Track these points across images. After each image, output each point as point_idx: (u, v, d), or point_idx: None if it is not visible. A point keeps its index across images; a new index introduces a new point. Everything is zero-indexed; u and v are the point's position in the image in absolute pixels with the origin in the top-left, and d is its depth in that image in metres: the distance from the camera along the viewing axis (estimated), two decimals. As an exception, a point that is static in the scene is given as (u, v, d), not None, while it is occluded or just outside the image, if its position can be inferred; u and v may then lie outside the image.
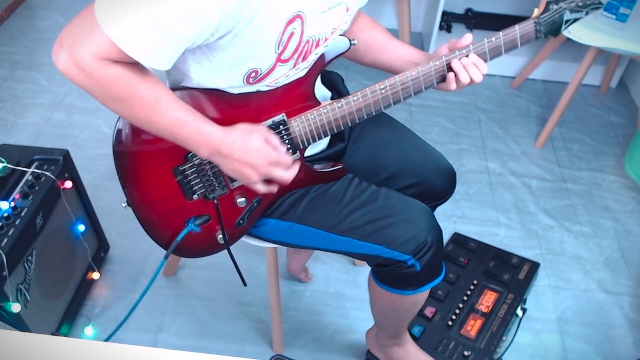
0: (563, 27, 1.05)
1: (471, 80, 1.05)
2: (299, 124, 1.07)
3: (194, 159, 1.06)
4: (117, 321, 1.64)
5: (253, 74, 0.97)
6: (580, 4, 1.02)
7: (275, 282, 1.45)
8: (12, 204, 1.35)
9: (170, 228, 1.15)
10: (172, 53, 0.86)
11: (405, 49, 1.18)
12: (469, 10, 2.87)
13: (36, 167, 1.45)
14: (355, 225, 1.12)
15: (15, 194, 1.37)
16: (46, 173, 1.43)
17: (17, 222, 1.32)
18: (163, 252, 1.18)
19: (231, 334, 1.64)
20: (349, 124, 1.09)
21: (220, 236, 1.16)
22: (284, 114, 1.06)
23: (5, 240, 1.28)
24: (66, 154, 1.50)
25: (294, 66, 1.01)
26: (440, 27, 2.84)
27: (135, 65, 0.89)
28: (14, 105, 2.34)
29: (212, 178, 1.09)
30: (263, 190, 1.07)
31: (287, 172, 1.05)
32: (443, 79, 1.07)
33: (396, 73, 1.07)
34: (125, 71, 0.88)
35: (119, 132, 1.06)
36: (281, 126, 1.06)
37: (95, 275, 1.69)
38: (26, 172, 1.42)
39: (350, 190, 1.15)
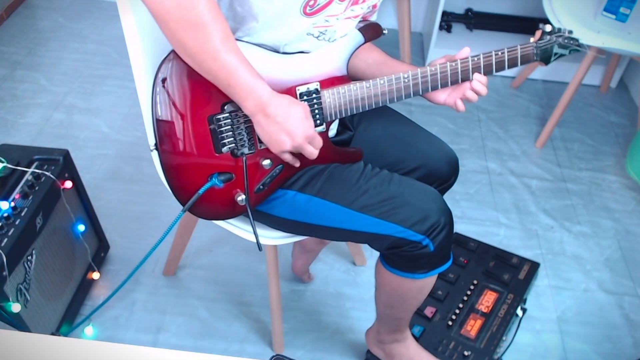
0: (552, 58, 1.17)
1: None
2: (330, 96, 1.13)
3: (230, 109, 1.08)
4: (117, 321, 1.65)
5: (311, 2, 1.02)
6: (565, 42, 1.15)
7: (276, 282, 1.45)
8: (12, 204, 1.35)
9: (193, 180, 1.14)
10: None
11: (402, 67, 1.24)
12: (469, 10, 2.87)
13: (36, 167, 1.45)
14: (372, 202, 1.15)
15: (15, 194, 1.37)
16: (46, 173, 1.43)
17: (17, 222, 1.32)
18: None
19: (231, 334, 1.64)
20: (373, 106, 1.15)
21: (240, 198, 1.15)
22: (318, 83, 1.11)
23: (5, 240, 1.28)
24: (66, 154, 1.50)
25: (346, 9, 1.08)
26: (440, 27, 2.84)
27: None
28: (14, 105, 2.34)
29: (244, 132, 1.10)
30: (288, 158, 1.11)
31: (316, 151, 1.09)
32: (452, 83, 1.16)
33: None
34: None
35: (168, 65, 1.05)
36: (314, 95, 1.12)
37: (95, 275, 1.69)
38: (26, 172, 1.42)
39: (367, 171, 1.20)
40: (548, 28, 1.15)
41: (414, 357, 1.45)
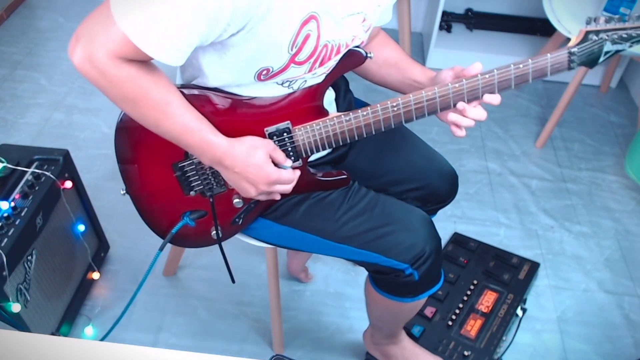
0: (602, 59, 0.97)
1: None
2: (304, 134, 1.05)
3: (194, 157, 1.07)
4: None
5: (264, 72, 0.95)
6: (624, 35, 0.94)
7: (275, 282, 1.45)
8: (12, 204, 1.35)
9: (166, 219, 1.15)
10: (185, 48, 0.86)
11: (412, 70, 1.16)
12: (469, 10, 2.87)
13: (36, 167, 1.45)
14: (353, 233, 1.12)
15: (15, 194, 1.37)
16: (46, 173, 1.43)
17: (17, 222, 1.32)
18: (164, 252, 1.18)
19: (231, 334, 1.64)
20: (356, 138, 1.05)
21: (214, 232, 1.16)
22: (289, 122, 1.04)
23: (5, 240, 1.28)
24: (66, 154, 1.50)
25: (310, 70, 0.98)
26: (440, 27, 2.83)
27: (148, 67, 0.89)
28: (14, 105, 2.34)
29: (210, 177, 1.09)
30: (263, 199, 1.08)
31: (288, 186, 1.04)
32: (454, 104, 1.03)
33: (402, 93, 1.04)
34: (137, 72, 0.88)
35: (123, 121, 1.05)
36: (285, 134, 1.04)
37: (95, 275, 1.69)
38: (26, 172, 1.42)
39: (349, 197, 1.14)
40: (602, 21, 0.92)
41: (410, 357, 1.46)
